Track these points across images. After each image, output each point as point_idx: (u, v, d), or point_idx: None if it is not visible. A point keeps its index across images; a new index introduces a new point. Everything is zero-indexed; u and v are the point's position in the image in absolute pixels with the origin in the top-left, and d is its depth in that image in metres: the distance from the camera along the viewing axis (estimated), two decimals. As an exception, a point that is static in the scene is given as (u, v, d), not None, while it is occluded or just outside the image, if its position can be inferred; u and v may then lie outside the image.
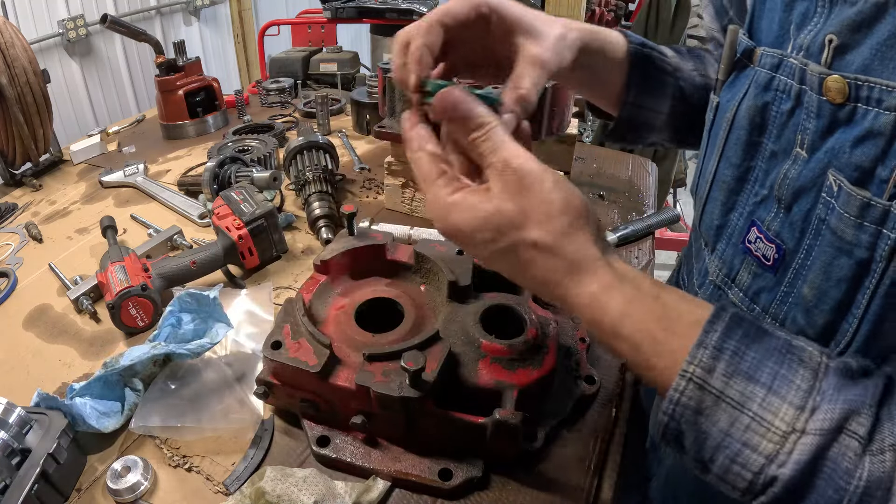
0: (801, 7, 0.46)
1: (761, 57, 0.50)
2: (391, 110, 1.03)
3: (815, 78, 0.43)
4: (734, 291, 0.55)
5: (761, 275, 0.51)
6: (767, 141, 0.50)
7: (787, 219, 0.47)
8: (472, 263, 0.73)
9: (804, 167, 0.45)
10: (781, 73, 0.48)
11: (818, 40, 0.43)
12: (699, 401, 0.37)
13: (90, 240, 1.08)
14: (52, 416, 0.62)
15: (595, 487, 0.62)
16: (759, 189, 0.51)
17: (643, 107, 0.70)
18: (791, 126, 0.47)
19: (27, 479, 0.55)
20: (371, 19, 2.66)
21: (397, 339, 0.66)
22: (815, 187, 0.44)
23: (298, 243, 1.05)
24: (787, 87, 0.47)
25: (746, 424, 0.36)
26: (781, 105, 0.48)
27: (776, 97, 0.49)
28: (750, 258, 0.52)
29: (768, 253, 0.49)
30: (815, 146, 0.44)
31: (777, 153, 0.49)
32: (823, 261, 0.43)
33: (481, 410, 0.58)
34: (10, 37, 1.16)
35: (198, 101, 1.53)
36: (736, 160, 0.54)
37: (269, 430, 0.68)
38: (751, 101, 0.51)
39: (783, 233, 0.48)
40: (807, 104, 0.44)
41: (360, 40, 3.82)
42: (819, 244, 0.44)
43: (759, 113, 0.50)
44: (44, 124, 1.27)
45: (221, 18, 3.07)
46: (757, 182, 0.52)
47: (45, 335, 0.85)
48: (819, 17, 0.44)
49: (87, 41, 2.31)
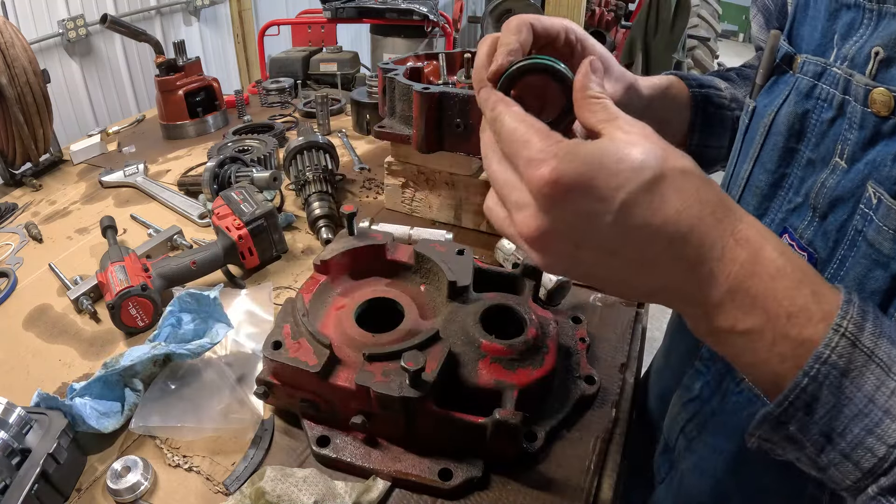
0: (846, 17, 0.45)
1: (803, 64, 0.50)
2: (391, 110, 1.03)
3: (860, 89, 0.42)
4: None
5: None
6: (805, 149, 0.50)
7: (821, 227, 0.47)
8: (472, 263, 0.73)
9: (843, 177, 0.45)
10: (824, 82, 0.47)
11: (864, 52, 0.43)
12: (849, 360, 0.33)
13: (90, 240, 1.08)
14: (52, 416, 0.62)
15: (595, 487, 0.62)
16: (794, 196, 0.51)
17: (708, 146, 0.71)
18: (831, 135, 0.47)
19: (27, 479, 0.55)
20: (371, 19, 2.66)
21: (397, 339, 0.66)
22: (853, 198, 0.44)
23: (298, 243, 1.05)
24: (830, 96, 0.47)
25: (892, 390, 0.33)
26: (822, 114, 0.48)
27: (817, 105, 0.48)
28: None
29: None
30: (855, 157, 0.44)
31: (814, 161, 0.49)
32: (858, 272, 0.43)
33: (481, 410, 0.58)
34: (10, 37, 1.16)
35: (198, 101, 1.53)
36: (771, 166, 0.53)
37: (269, 430, 0.68)
38: (791, 107, 0.51)
39: (816, 241, 0.47)
40: (850, 115, 0.44)
41: (360, 40, 3.82)
42: (854, 255, 0.43)
43: (799, 120, 0.50)
44: (44, 124, 1.27)
45: (221, 18, 3.07)
46: (791, 189, 0.52)
47: (45, 335, 0.85)
48: (865, 29, 0.43)
49: (87, 41, 2.31)
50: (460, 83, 1.09)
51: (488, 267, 0.78)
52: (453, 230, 1.05)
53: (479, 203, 1.05)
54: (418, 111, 0.92)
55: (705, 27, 4.69)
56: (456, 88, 0.93)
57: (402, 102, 0.98)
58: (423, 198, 1.11)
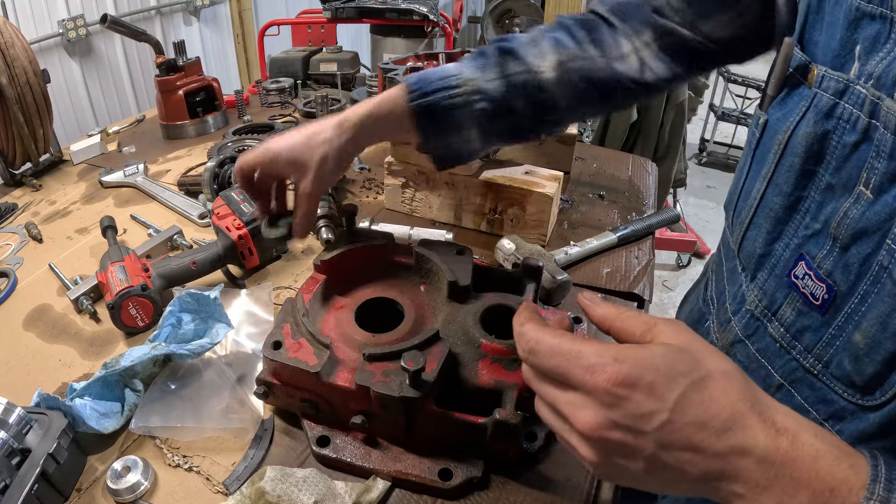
0: (870, 29, 0.42)
1: (822, 79, 0.46)
2: (391, 110, 1.03)
3: (892, 116, 0.39)
4: (774, 325, 0.52)
5: (807, 313, 0.48)
6: (824, 172, 0.47)
7: (841, 259, 0.45)
8: (472, 263, 0.73)
9: (868, 208, 0.42)
10: (847, 101, 0.44)
11: (892, 71, 0.40)
12: None
13: (90, 240, 1.08)
14: (52, 416, 0.62)
15: (595, 487, 0.62)
16: (811, 222, 0.48)
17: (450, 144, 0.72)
18: (854, 160, 0.44)
19: (27, 479, 0.55)
20: (371, 19, 2.66)
21: (397, 339, 0.66)
22: (879, 231, 0.41)
23: (298, 243, 1.05)
24: (854, 118, 0.43)
25: None
26: (844, 136, 0.45)
27: (839, 126, 0.45)
28: (796, 293, 0.49)
29: (817, 292, 0.47)
30: (883, 188, 0.41)
31: (834, 186, 0.46)
32: (881, 310, 0.41)
33: (481, 410, 0.58)
34: (10, 37, 1.16)
35: (198, 101, 1.53)
36: (787, 188, 0.50)
37: (269, 430, 0.68)
38: (809, 127, 0.47)
39: (836, 273, 0.45)
40: (877, 142, 0.41)
41: (360, 40, 3.82)
42: (877, 292, 0.41)
43: (818, 141, 0.47)
44: (44, 124, 1.27)
45: (221, 18, 3.07)
46: (808, 214, 0.49)
47: (45, 335, 0.85)
48: (893, 44, 0.40)
49: (87, 41, 2.31)
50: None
51: (488, 267, 0.78)
52: (453, 230, 1.05)
53: (479, 203, 1.05)
54: (418, 111, 0.92)
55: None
56: (456, 88, 0.93)
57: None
58: (423, 198, 1.11)
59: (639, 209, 1.18)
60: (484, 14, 4.48)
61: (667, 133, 2.74)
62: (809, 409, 0.49)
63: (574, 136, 1.14)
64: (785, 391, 0.51)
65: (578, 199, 1.20)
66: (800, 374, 0.50)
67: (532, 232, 1.03)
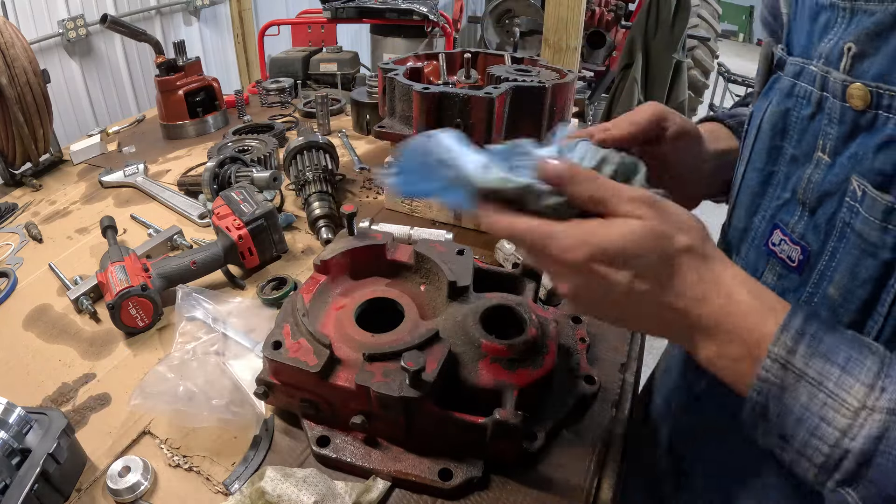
0: (823, 18, 0.48)
1: (786, 65, 0.52)
2: (391, 110, 1.03)
3: (838, 85, 0.44)
4: None
5: (786, 276, 0.53)
6: (788, 145, 0.52)
7: (811, 221, 0.49)
8: (472, 263, 0.73)
9: (828, 172, 0.47)
10: (802, 80, 0.50)
11: (837, 48, 0.45)
12: (782, 379, 0.41)
13: (90, 240, 1.08)
14: (53, 416, 0.62)
15: (595, 487, 0.62)
16: (782, 192, 0.53)
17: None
18: (811, 131, 0.49)
19: (27, 479, 0.55)
20: (371, 19, 2.66)
21: (397, 339, 0.65)
22: (838, 192, 0.46)
23: (298, 243, 1.05)
24: (808, 93, 0.49)
25: (823, 401, 0.39)
26: (802, 110, 0.50)
27: (797, 103, 0.50)
28: (774, 260, 0.54)
29: (793, 255, 0.51)
30: (837, 151, 0.46)
31: (798, 157, 0.51)
32: (849, 262, 0.45)
33: (481, 410, 0.58)
34: (10, 37, 1.16)
35: (198, 101, 1.53)
36: (760, 164, 0.56)
37: (269, 430, 0.68)
38: (774, 107, 0.53)
39: (808, 235, 0.50)
40: (828, 110, 0.46)
41: (360, 40, 3.82)
42: (844, 246, 0.46)
43: (782, 118, 0.52)
44: (44, 124, 1.27)
45: (221, 18, 3.07)
46: (779, 186, 0.54)
47: (45, 335, 0.85)
48: (839, 27, 0.45)
49: (87, 41, 2.31)
50: (460, 83, 1.09)
51: (488, 267, 0.78)
52: (453, 230, 1.05)
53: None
54: (418, 111, 0.92)
55: (705, 27, 4.70)
56: (456, 88, 0.93)
57: (402, 102, 0.98)
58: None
59: (639, 209, 1.18)
60: (484, 14, 4.48)
61: (667, 133, 2.74)
62: None
63: (574, 136, 1.14)
64: None
65: (578, 199, 1.20)
66: None
67: (532, 232, 1.02)
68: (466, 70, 1.11)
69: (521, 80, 0.98)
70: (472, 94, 0.90)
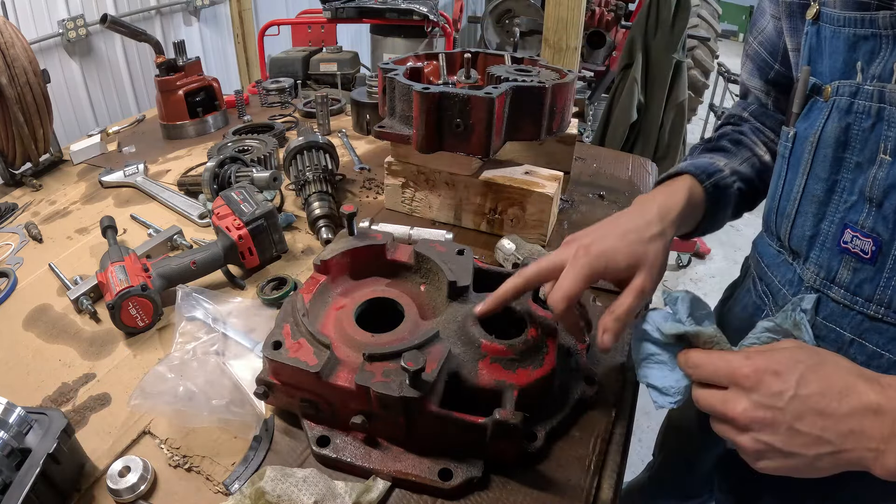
0: (866, 46, 0.57)
1: (837, 89, 0.60)
2: (391, 110, 1.03)
3: (894, 96, 0.54)
4: (835, 290, 0.63)
5: (861, 268, 0.60)
6: (852, 155, 0.60)
7: (879, 214, 0.57)
8: (472, 263, 0.73)
9: (891, 168, 0.56)
10: (860, 98, 0.58)
11: (888, 68, 0.55)
12: None
13: (90, 240, 1.08)
14: (53, 416, 0.62)
15: (595, 487, 0.62)
16: (848, 196, 0.60)
17: (715, 222, 0.80)
18: (873, 139, 0.57)
19: (27, 479, 0.55)
20: (371, 19, 2.66)
21: (397, 339, 0.66)
22: None
23: (298, 243, 1.05)
24: (867, 108, 0.57)
25: None
26: (862, 123, 0.58)
27: (857, 118, 0.58)
28: (848, 256, 0.61)
29: (866, 247, 0.59)
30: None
31: (861, 163, 0.59)
32: None
33: (481, 410, 0.58)
34: (10, 37, 1.16)
35: (198, 101, 1.53)
36: (824, 175, 0.63)
37: (269, 430, 0.68)
38: (834, 123, 0.60)
39: (878, 227, 0.58)
40: (888, 117, 0.55)
41: (360, 40, 3.82)
42: None
43: (843, 132, 0.60)
44: (44, 124, 1.27)
45: (221, 18, 3.07)
46: (845, 191, 0.61)
47: (45, 335, 0.85)
48: (885, 51, 0.55)
49: (87, 41, 2.31)
50: (460, 83, 1.09)
51: (488, 267, 0.78)
52: (453, 230, 1.05)
53: (479, 203, 1.05)
54: (418, 111, 0.92)
55: (705, 27, 4.69)
56: (456, 88, 0.93)
57: (402, 102, 0.98)
58: (423, 198, 1.11)
59: (639, 209, 1.18)
60: (484, 14, 4.48)
61: (667, 133, 2.74)
62: (883, 353, 0.60)
63: (574, 136, 1.14)
64: (857, 344, 0.62)
65: (578, 199, 1.20)
66: (866, 324, 0.61)
67: (532, 232, 1.03)
68: (466, 70, 1.11)
69: (521, 80, 0.98)
70: (472, 94, 0.90)
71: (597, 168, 1.35)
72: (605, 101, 2.89)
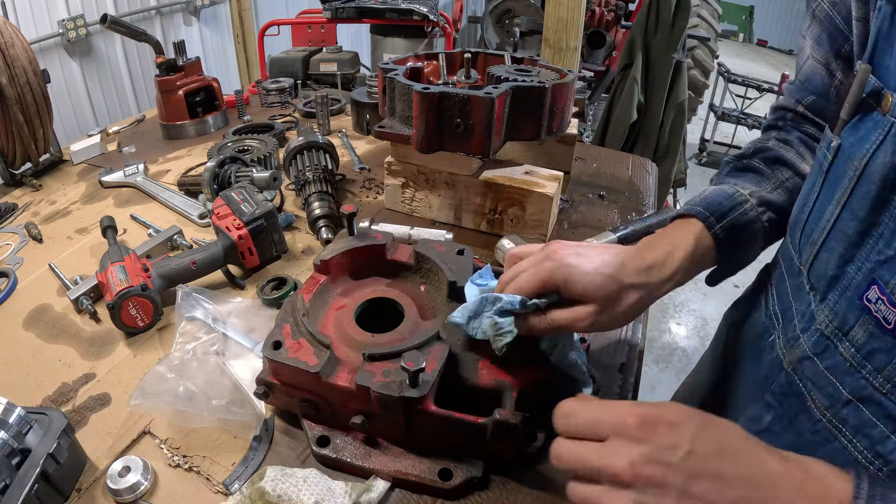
0: None
1: (883, 100, 0.47)
2: (391, 110, 1.03)
3: None
4: (845, 346, 0.53)
5: (879, 336, 0.49)
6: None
7: None
8: (472, 263, 0.73)
9: None
10: None
11: None
12: None
13: (90, 240, 1.08)
14: (53, 416, 0.62)
15: (595, 487, 0.62)
16: (885, 248, 0.48)
17: (743, 260, 0.70)
18: None
19: (27, 479, 0.55)
20: (371, 19, 2.66)
21: (397, 339, 0.66)
22: None
23: (298, 243, 1.05)
24: None
25: None
26: None
27: None
28: (868, 317, 0.50)
29: (889, 317, 0.47)
30: None
31: None
32: None
33: (481, 410, 0.58)
34: (10, 37, 1.16)
35: (198, 101, 1.53)
36: (862, 214, 0.50)
37: (269, 430, 0.68)
38: (888, 156, 0.47)
39: None
40: None
41: (360, 40, 3.82)
42: None
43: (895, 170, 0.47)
44: (44, 124, 1.27)
45: (221, 18, 3.07)
46: (882, 240, 0.49)
47: (45, 335, 0.85)
48: None
49: (87, 41, 2.31)
50: (460, 83, 1.09)
51: (488, 267, 0.78)
52: (453, 230, 1.05)
53: (479, 203, 1.05)
54: (418, 111, 0.92)
55: (705, 27, 4.70)
56: (456, 88, 0.93)
57: (402, 102, 0.98)
58: (423, 198, 1.11)
59: (639, 209, 1.18)
60: (484, 14, 4.49)
61: (667, 133, 2.74)
62: (876, 423, 0.50)
63: (574, 136, 1.14)
64: (853, 406, 0.52)
65: (578, 199, 1.20)
66: (868, 391, 0.51)
67: (532, 232, 1.03)
68: (466, 70, 1.11)
69: (521, 80, 0.98)
70: (472, 94, 0.90)
71: (597, 168, 1.35)
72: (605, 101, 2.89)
